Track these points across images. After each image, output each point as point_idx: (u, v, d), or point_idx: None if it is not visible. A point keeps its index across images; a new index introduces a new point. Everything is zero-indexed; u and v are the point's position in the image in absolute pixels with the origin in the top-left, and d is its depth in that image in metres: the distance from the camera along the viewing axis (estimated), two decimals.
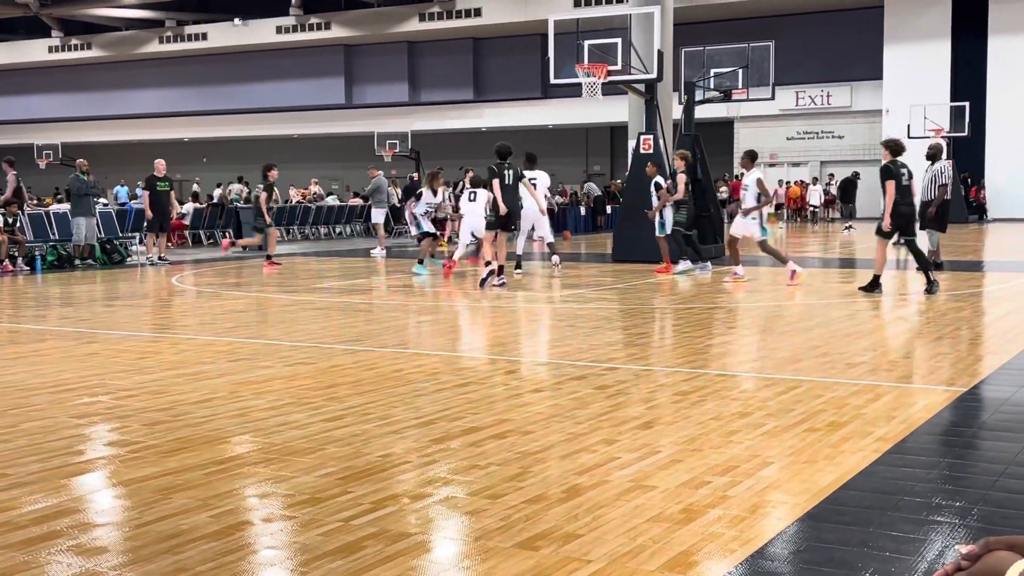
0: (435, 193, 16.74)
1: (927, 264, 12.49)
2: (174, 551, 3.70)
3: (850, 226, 28.56)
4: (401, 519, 4.05)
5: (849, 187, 31.06)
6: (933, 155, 15.29)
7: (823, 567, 3.51)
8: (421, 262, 16.27)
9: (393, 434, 5.45)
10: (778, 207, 36.26)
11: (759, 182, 14.01)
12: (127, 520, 4.10)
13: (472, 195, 15.85)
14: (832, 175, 37.23)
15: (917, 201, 14.06)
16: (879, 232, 12.34)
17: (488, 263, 14.05)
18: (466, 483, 4.53)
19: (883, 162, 12.37)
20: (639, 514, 4.07)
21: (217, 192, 32.43)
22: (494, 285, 13.71)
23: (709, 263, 15.64)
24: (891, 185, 12.02)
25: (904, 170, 12.20)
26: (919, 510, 4.11)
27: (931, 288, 12.15)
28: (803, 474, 4.64)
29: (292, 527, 3.97)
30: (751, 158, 14.40)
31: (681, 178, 15.17)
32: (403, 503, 4.26)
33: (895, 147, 12.35)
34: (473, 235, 15.72)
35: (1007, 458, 4.88)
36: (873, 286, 12.31)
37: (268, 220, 18.12)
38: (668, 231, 15.50)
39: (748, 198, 14.08)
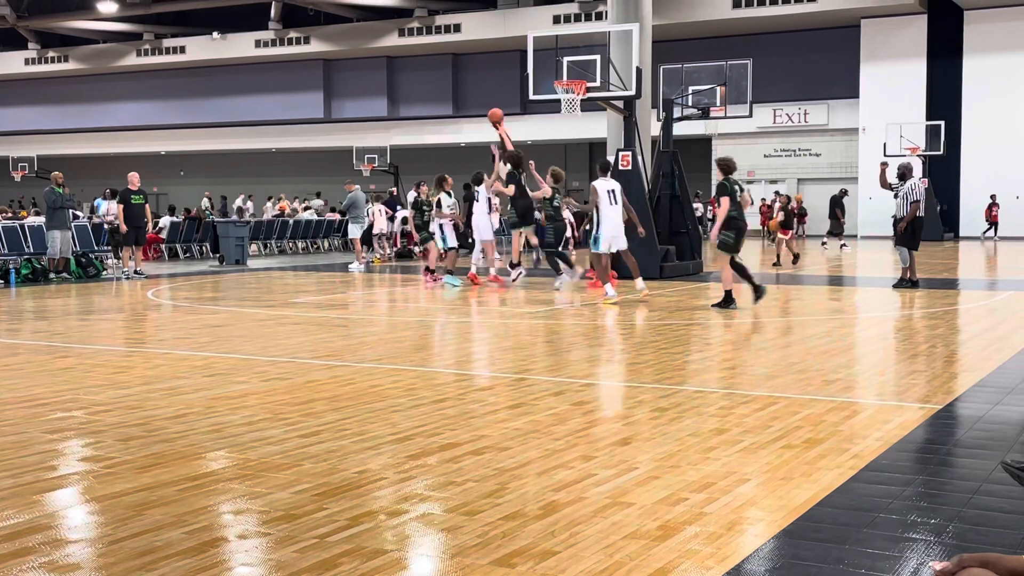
0: (449, 195, 17.16)
1: (749, 276, 12.82)
2: (148, 568, 3.67)
3: (844, 244, 28.49)
4: (377, 536, 4.03)
5: (838, 203, 30.67)
6: (903, 174, 15.57)
7: None
8: (452, 273, 16.62)
9: (369, 450, 5.43)
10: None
11: (593, 192, 13.92)
12: (100, 536, 4.06)
13: (476, 194, 16.55)
14: (777, 192, 37.01)
15: (888, 219, 14.15)
16: (721, 247, 12.78)
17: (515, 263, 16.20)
18: (443, 499, 4.52)
19: (719, 179, 12.88)
20: (616, 531, 4.06)
21: (269, 206, 31.97)
22: (513, 279, 15.95)
23: (577, 270, 15.80)
24: (726, 201, 12.60)
25: (737, 187, 12.79)
26: (895, 527, 4.12)
27: (757, 295, 12.62)
28: (780, 491, 4.65)
29: (267, 544, 3.94)
30: (603, 169, 14.18)
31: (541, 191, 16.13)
32: (379, 520, 4.24)
33: (727, 166, 12.86)
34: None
35: (981, 475, 4.91)
36: (727, 302, 12.63)
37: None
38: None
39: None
